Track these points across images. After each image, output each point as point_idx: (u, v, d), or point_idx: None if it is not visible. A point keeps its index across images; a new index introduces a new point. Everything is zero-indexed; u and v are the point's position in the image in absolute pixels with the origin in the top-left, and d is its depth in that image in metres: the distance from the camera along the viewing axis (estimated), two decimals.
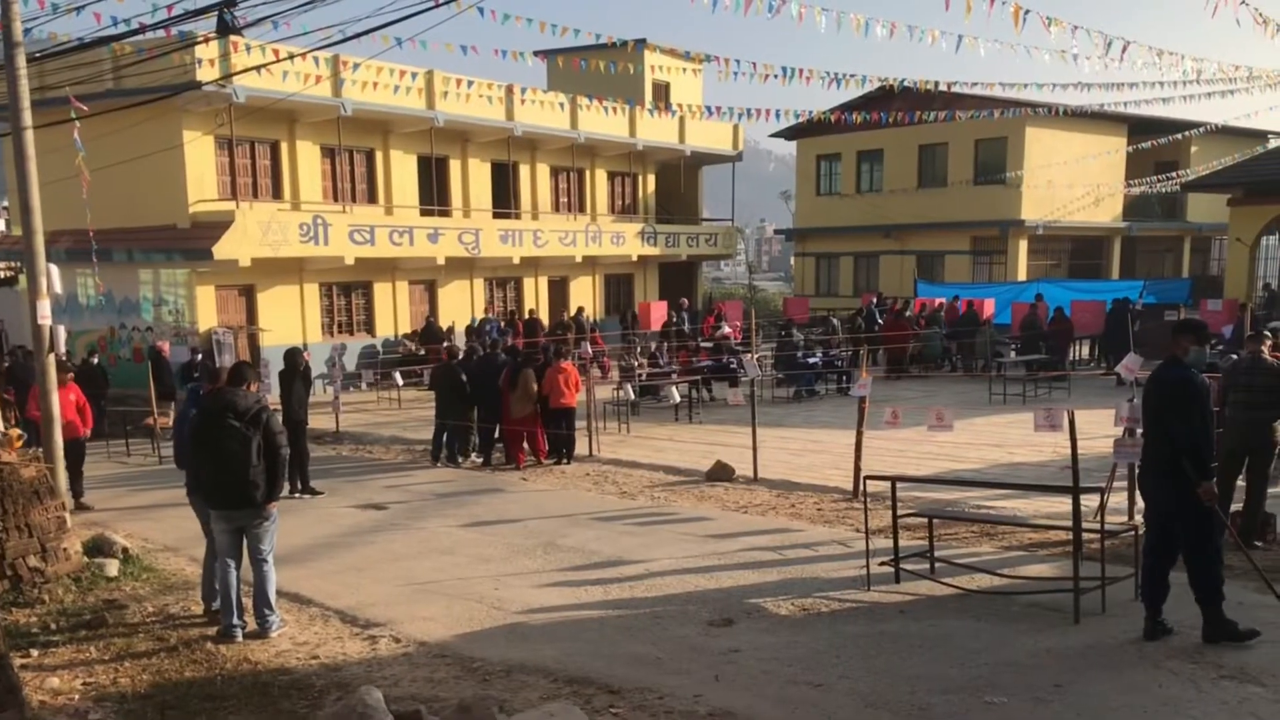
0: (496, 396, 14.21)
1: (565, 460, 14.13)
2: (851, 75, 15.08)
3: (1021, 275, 32.45)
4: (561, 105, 27.91)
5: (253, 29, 13.21)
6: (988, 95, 26.10)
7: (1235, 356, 9.90)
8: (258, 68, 16.50)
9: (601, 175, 31.40)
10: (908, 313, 25.45)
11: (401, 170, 25.28)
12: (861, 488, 9.63)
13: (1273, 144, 30.18)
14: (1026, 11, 11.46)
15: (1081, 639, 6.26)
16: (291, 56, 16.47)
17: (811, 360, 20.86)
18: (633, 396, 17.46)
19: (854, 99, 27.76)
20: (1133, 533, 7.43)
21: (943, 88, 19.81)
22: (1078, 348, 24.72)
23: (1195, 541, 6.11)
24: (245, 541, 7.23)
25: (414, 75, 23.18)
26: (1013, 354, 21.98)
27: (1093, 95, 19.96)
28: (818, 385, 20.87)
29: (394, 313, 25.41)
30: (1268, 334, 9.96)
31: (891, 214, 35.29)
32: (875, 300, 28.05)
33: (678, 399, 17.70)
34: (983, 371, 22.00)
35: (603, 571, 8.49)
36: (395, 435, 16.81)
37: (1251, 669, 5.58)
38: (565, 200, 30.49)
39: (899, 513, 8.19)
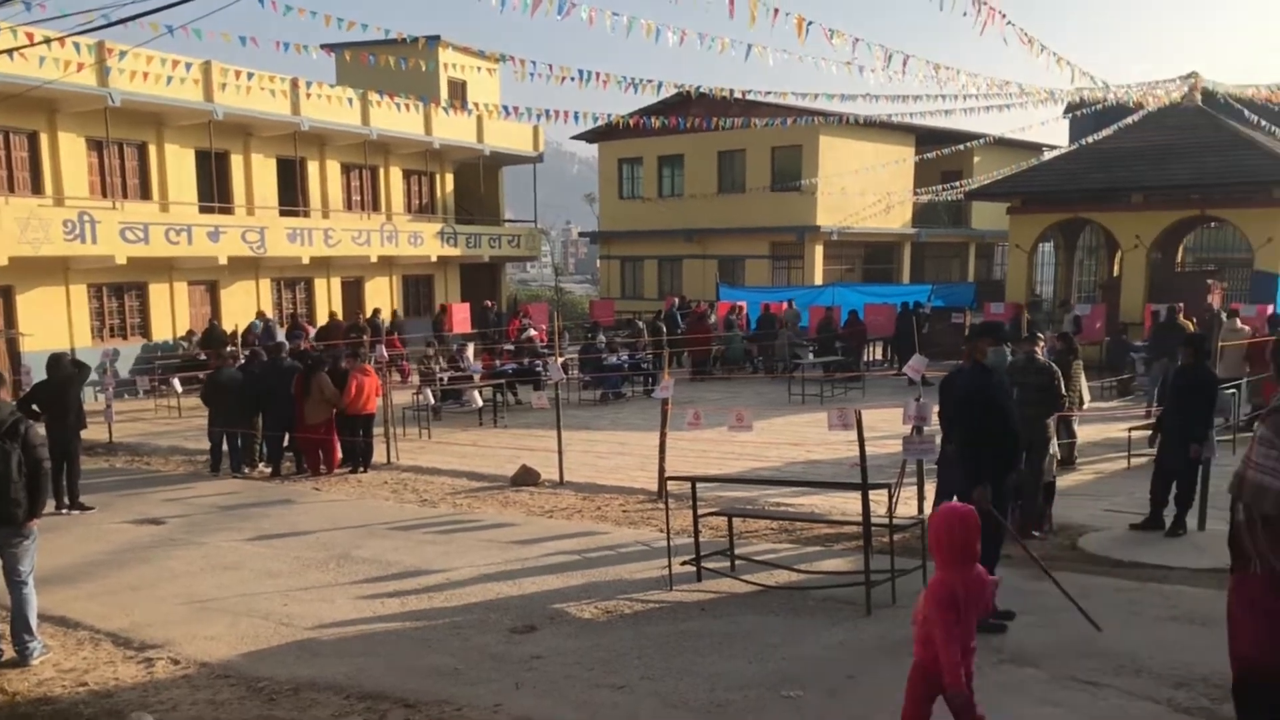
0: (285, 402, 13.69)
1: (362, 468, 13.77)
2: (648, 80, 15.40)
3: (818, 279, 33.90)
4: (351, 101, 27.19)
5: (2, 9, 12.24)
6: (782, 104, 27.12)
7: (1011, 357, 10.65)
8: (9, 51, 15.31)
9: (397, 173, 30.82)
10: (712, 318, 26.14)
11: (178, 165, 24.03)
12: (664, 489, 9.83)
13: (1047, 156, 32.64)
14: (810, 23, 12.01)
15: (873, 630, 6.59)
16: (49, 41, 15.36)
17: (615, 362, 21.12)
18: (433, 401, 17.21)
19: (653, 104, 28.24)
20: (919, 527, 7.90)
21: (739, 95, 20.41)
22: (871, 349, 26.02)
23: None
24: (2, 562, 6.71)
25: (189, 66, 22.10)
26: (810, 356, 22.92)
27: (880, 106, 21.19)
28: (624, 387, 21.16)
29: (172, 315, 24.12)
30: (1040, 335, 10.79)
31: (693, 218, 36.19)
32: (678, 303, 28.69)
33: (480, 403, 17.55)
34: (782, 373, 22.88)
35: (400, 583, 8.33)
36: (175, 445, 15.95)
37: (1029, 653, 6.01)
38: (358, 198, 29.76)
39: (701, 512, 8.41)
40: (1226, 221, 25.01)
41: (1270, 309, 19.28)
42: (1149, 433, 10.62)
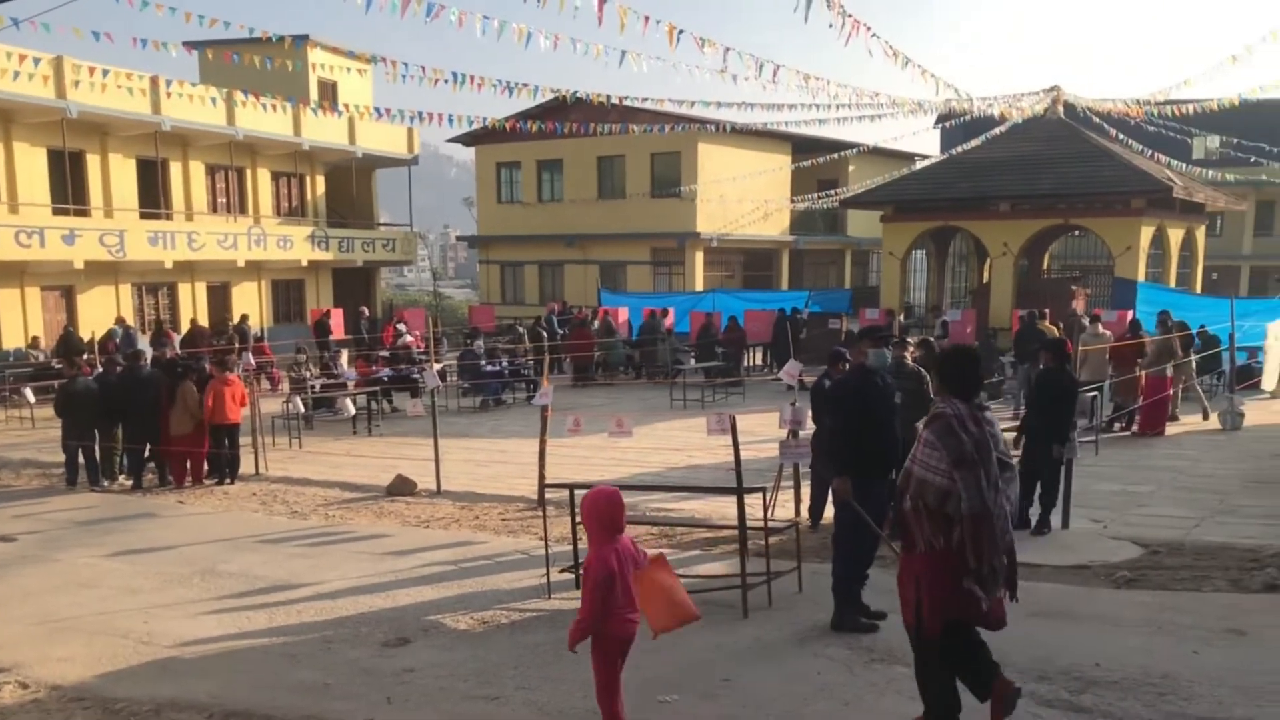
0: (147, 412, 13.19)
1: (229, 480, 13.35)
2: (524, 84, 15.37)
3: (699, 285, 34.29)
4: (214, 100, 26.40)
5: None
6: (660, 110, 27.39)
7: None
8: None
9: (265, 175, 30.05)
10: (594, 324, 26.18)
11: (28, 164, 22.99)
12: (543, 496, 9.80)
13: (918, 166, 33.68)
14: (681, 31, 12.17)
15: (750, 633, 6.69)
16: None
17: (494, 368, 20.97)
18: (303, 410, 16.80)
19: (531, 108, 28.20)
20: (794, 529, 8.07)
21: (616, 101, 20.54)
22: (751, 354, 26.42)
23: (837, 533, 6.71)
24: None
25: (37, 61, 21.16)
26: (691, 361, 23.17)
27: (756, 114, 21.55)
28: (505, 394, 21.02)
29: (24, 321, 23.03)
30: (910, 340, 11.13)
31: (573, 223, 36.23)
32: (560, 309, 28.66)
33: (353, 411, 17.22)
34: (665, 378, 23.04)
35: (268, 597, 8.10)
36: (28, 458, 15.19)
37: (899, 651, 6.16)
38: (224, 201, 28.91)
39: (580, 519, 8.39)
40: (1089, 230, 26.23)
41: (1130, 314, 20.24)
42: (1014, 435, 11.02)
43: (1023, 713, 5.13)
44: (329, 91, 30.73)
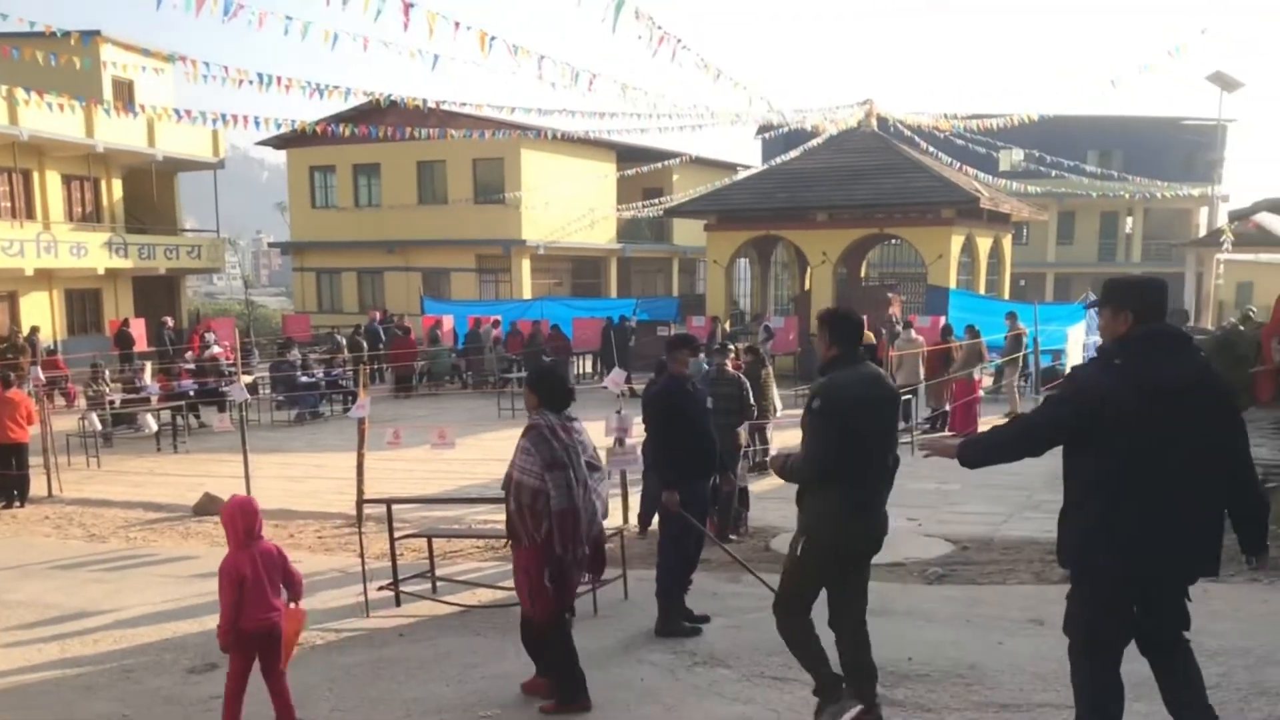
0: None
1: (17, 503, 12.54)
2: (335, 87, 15.03)
3: (527, 293, 34.24)
4: None
5: None
6: (480, 116, 27.19)
7: (707, 368, 11.20)
8: None
9: (55, 178, 28.37)
10: (412, 333, 25.79)
11: None
12: (361, 512, 9.58)
13: (741, 176, 34.56)
14: (493, 38, 12.17)
15: (577, 641, 6.71)
16: None
17: (310, 380, 20.41)
18: (99, 426, 15.94)
19: (345, 111, 27.52)
20: (620, 536, 8.16)
21: (433, 105, 20.30)
22: (580, 362, 26.54)
23: (662, 541, 6.84)
24: None
25: None
26: (521, 370, 23.10)
27: (578, 122, 21.72)
28: (322, 406, 20.47)
29: None
30: (730, 347, 11.42)
31: (393, 230, 35.59)
32: (381, 317, 28.09)
33: (155, 427, 16.45)
34: (492, 387, 22.90)
35: (61, 626, 7.64)
36: None
37: (720, 654, 6.33)
38: (8, 205, 27.13)
39: (401, 534, 8.28)
40: (903, 239, 27.47)
41: (942, 320, 21.31)
42: None
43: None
44: (125, 91, 29.25)
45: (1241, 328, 17.49)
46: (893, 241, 29.69)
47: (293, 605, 5.37)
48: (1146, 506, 4.00)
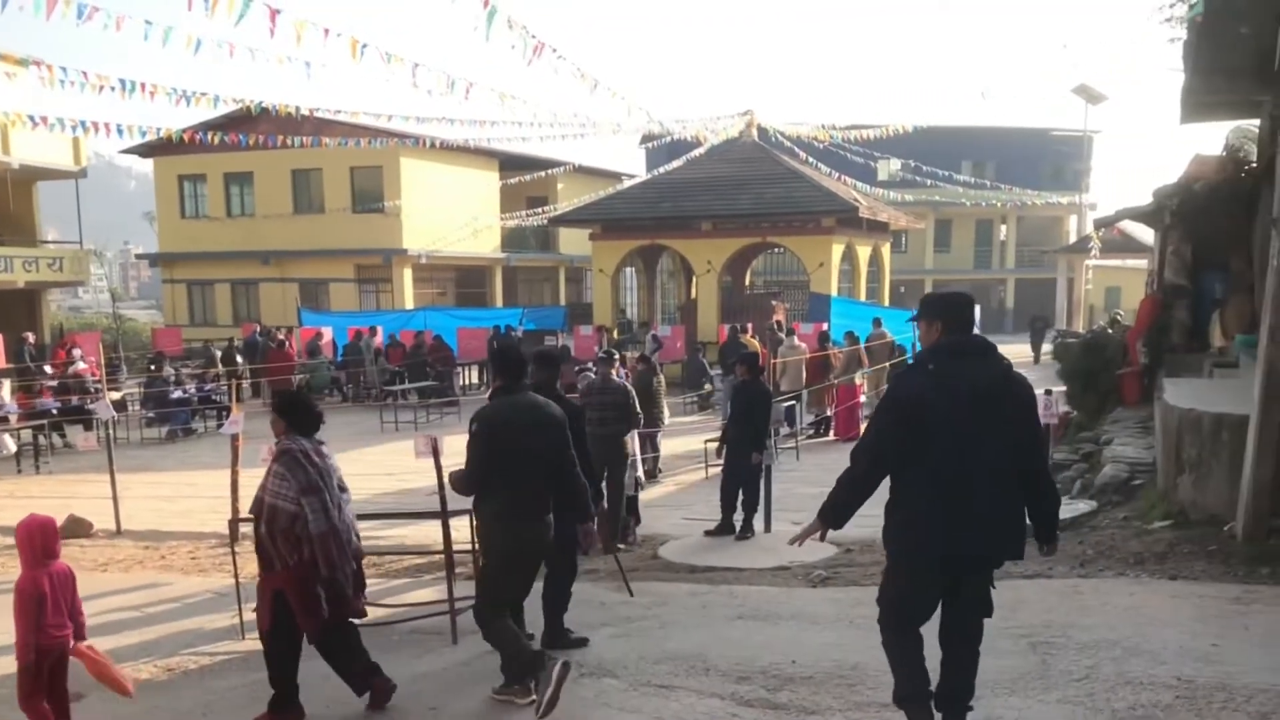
0: None
1: None
2: (202, 93, 14.61)
3: (409, 303, 33.80)
4: None
5: None
6: (356, 123, 26.73)
7: (592, 376, 11.23)
8: None
9: None
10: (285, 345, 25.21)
11: None
12: (236, 531, 9.33)
13: (625, 184, 34.75)
14: (364, 45, 12.01)
15: (459, 658, 6.64)
16: None
17: (182, 395, 19.81)
18: None
19: (215, 119, 26.68)
20: None
21: (307, 112, 19.88)
22: (466, 373, 26.32)
23: (565, 564, 6.78)
24: None
25: None
26: (405, 381, 22.84)
27: (458, 130, 21.49)
28: (195, 423, 19.87)
29: None
30: (616, 355, 11.48)
31: (268, 240, 34.77)
32: (260, 330, 27.40)
33: (13, 448, 15.75)
34: (374, 400, 22.54)
35: None
36: None
37: (608, 663, 6.33)
38: None
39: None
40: (786, 247, 27.99)
41: (824, 326, 21.76)
42: (717, 444, 11.60)
43: (721, 713, 5.41)
44: None
45: (1110, 330, 18.28)
46: (776, 250, 30.23)
47: (82, 644, 5.33)
48: (953, 498, 4.38)
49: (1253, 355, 8.17)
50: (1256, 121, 12.24)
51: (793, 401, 17.11)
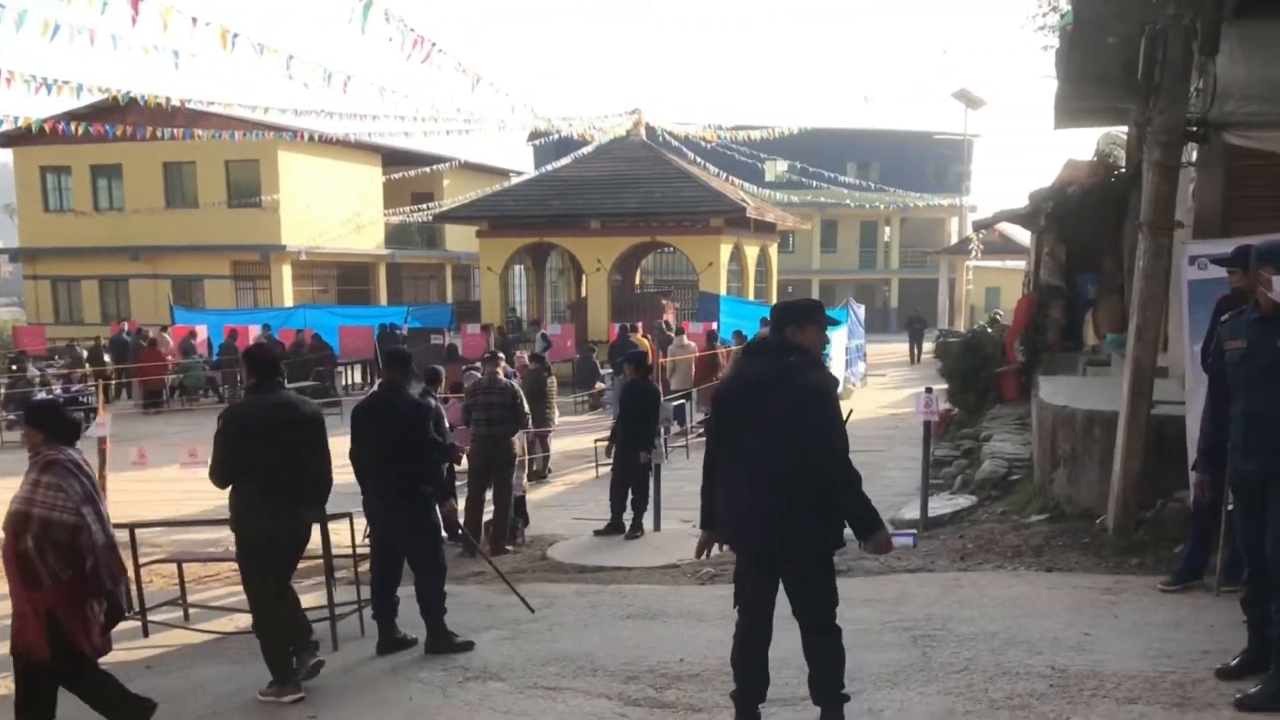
0: None
1: None
2: (65, 82, 14.04)
3: (288, 301, 33.01)
4: None
5: None
6: (231, 115, 25.96)
7: (478, 376, 11.13)
8: None
9: None
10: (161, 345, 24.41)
11: None
12: None
13: (513, 182, 34.57)
14: (235, 35, 11.71)
15: (340, 663, 6.50)
16: None
17: (43, 397, 18.98)
18: None
19: (80, 109, 25.61)
20: None
21: (178, 103, 19.25)
22: (349, 372, 25.84)
23: (425, 561, 6.68)
24: None
25: None
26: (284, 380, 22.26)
27: (338, 124, 21.12)
28: None
29: None
30: (501, 355, 11.40)
31: (139, 235, 33.60)
32: (129, 328, 26.45)
33: None
34: None
35: None
36: None
37: (493, 667, 6.27)
38: None
39: (146, 560, 7.82)
40: (676, 247, 28.20)
41: (713, 325, 21.99)
42: (606, 443, 11.62)
43: (609, 714, 5.41)
44: None
45: (989, 330, 18.86)
46: (666, 249, 30.42)
47: None
48: (740, 487, 4.64)
49: (1123, 354, 8.51)
50: (1125, 128, 12.77)
51: (683, 400, 17.24)
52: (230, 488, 5.98)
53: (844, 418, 4.70)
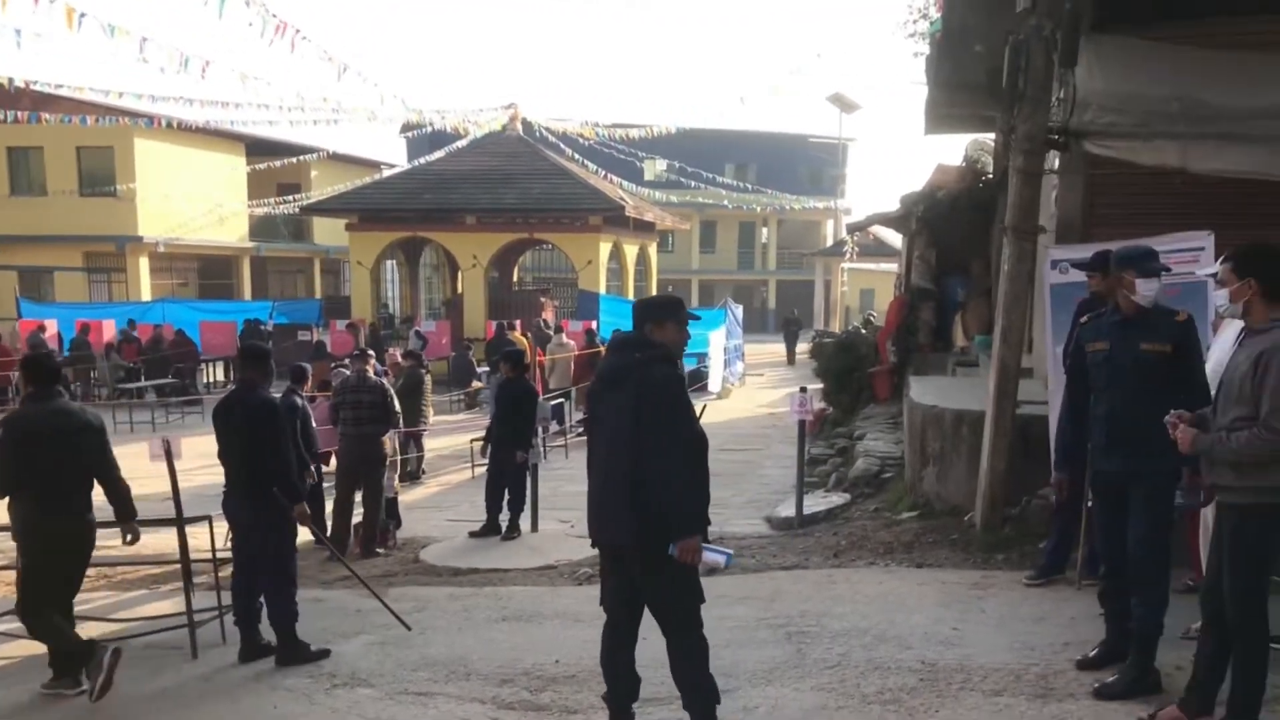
0: None
1: None
2: None
3: (146, 294, 31.88)
4: None
5: None
6: (83, 99, 24.88)
7: (346, 373, 10.92)
8: None
9: None
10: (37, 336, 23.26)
11: None
12: None
13: (385, 174, 34.02)
14: (82, 15, 11.26)
15: (200, 672, 6.31)
16: None
17: None
18: None
19: None
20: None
21: (22, 85, 18.36)
22: (211, 369, 25.08)
23: (273, 566, 6.50)
24: None
25: None
26: (142, 378, 21.58)
27: (198, 111, 20.48)
28: None
29: None
30: (370, 353, 11.20)
31: None
32: None
33: None
34: (106, 399, 21.10)
35: None
36: None
37: (362, 673, 6.16)
38: None
39: None
40: (554, 244, 28.16)
41: (592, 324, 22.03)
42: (482, 443, 11.51)
43: (482, 718, 5.38)
44: None
45: (863, 331, 19.36)
46: (544, 247, 30.35)
47: None
48: (595, 481, 4.78)
49: (990, 355, 8.82)
50: (993, 135, 13.26)
51: (561, 399, 17.23)
52: (8, 498, 6.00)
53: (693, 414, 4.68)
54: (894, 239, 29.24)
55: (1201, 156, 7.53)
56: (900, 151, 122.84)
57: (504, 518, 10.34)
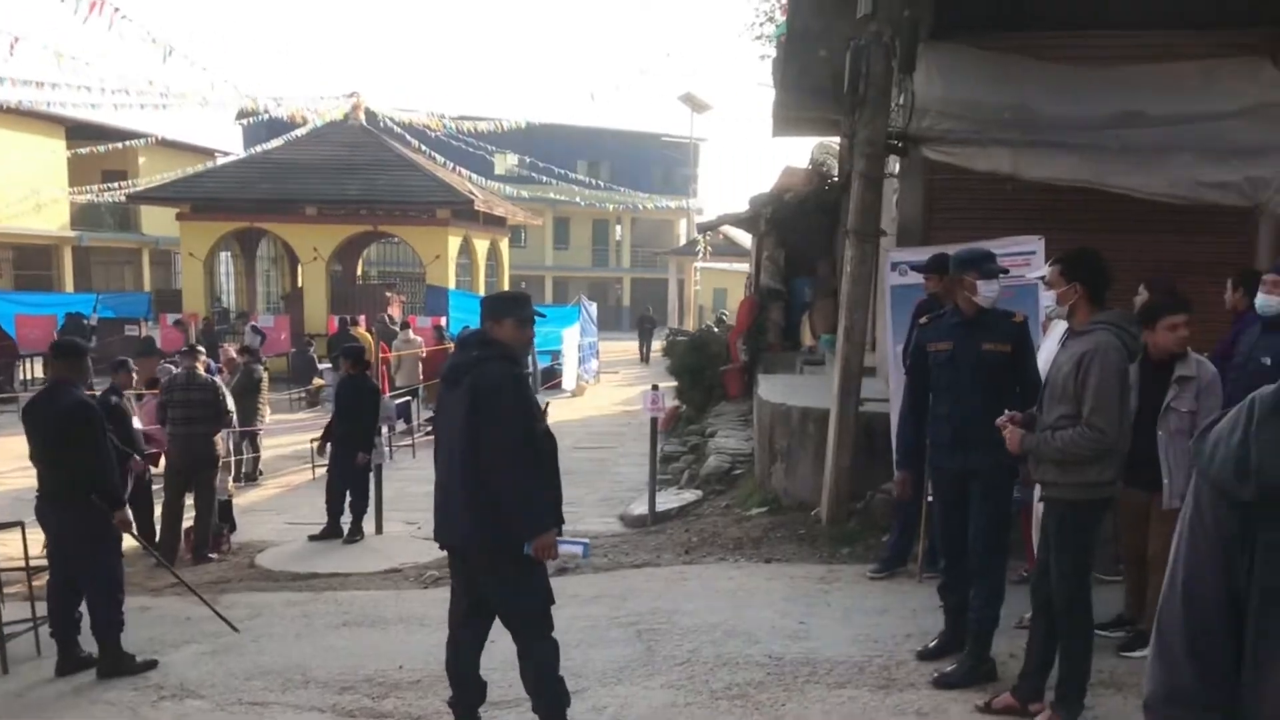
0: None
1: None
2: None
3: None
4: None
5: None
6: None
7: (174, 371, 10.53)
8: None
9: None
10: None
11: None
12: None
13: (220, 162, 32.88)
14: None
15: (14, 687, 5.98)
16: None
17: None
18: None
19: None
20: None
21: None
22: (30, 366, 23.81)
23: (92, 573, 6.21)
24: None
25: None
26: None
27: (10, 90, 19.44)
28: None
29: None
30: (201, 349, 10.82)
31: None
32: None
33: None
34: None
35: None
36: None
37: (192, 684, 5.94)
38: None
39: None
40: (401, 237, 27.69)
41: (441, 320, 21.77)
42: (321, 441, 11.24)
43: None
44: None
45: (715, 329, 19.67)
46: (391, 240, 29.81)
47: None
48: (439, 480, 4.71)
49: (835, 353, 9.07)
50: (838, 138, 13.65)
51: (408, 397, 16.96)
52: None
53: (533, 412, 4.65)
54: (745, 239, 29.75)
55: (1031, 164, 7.90)
56: (750, 153, 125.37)
57: (346, 520, 10.13)
